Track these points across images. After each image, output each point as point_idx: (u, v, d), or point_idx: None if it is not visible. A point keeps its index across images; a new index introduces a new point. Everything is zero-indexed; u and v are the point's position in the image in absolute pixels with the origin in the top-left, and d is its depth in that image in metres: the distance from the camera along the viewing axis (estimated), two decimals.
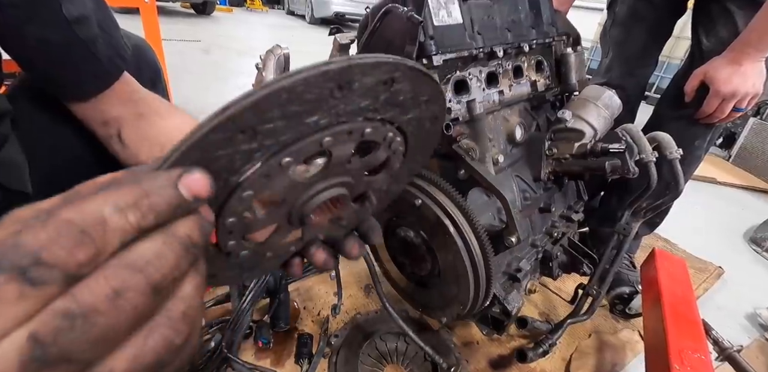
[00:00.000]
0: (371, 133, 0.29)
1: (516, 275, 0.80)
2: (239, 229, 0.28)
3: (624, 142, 0.86)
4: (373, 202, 0.37)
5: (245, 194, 0.26)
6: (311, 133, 0.25)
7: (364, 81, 0.25)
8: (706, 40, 1.07)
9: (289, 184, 0.27)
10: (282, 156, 0.25)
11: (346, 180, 0.31)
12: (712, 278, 1.40)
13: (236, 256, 0.31)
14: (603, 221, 1.25)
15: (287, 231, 0.32)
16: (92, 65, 0.58)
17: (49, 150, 0.68)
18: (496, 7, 0.84)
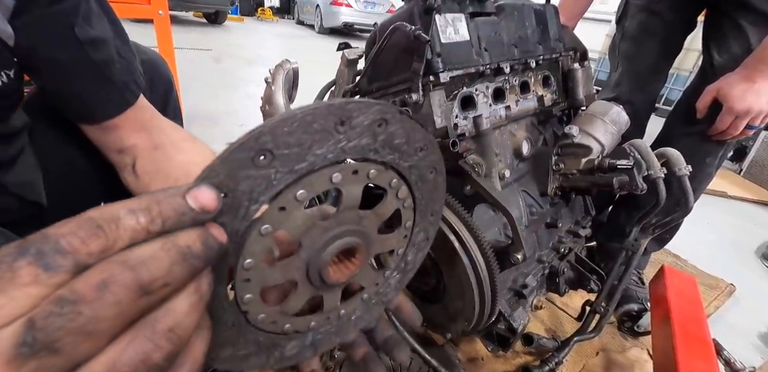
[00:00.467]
0: (376, 175, 0.31)
1: (522, 291, 0.80)
2: (257, 278, 0.28)
3: (632, 158, 0.85)
4: (391, 268, 0.38)
5: (263, 228, 0.26)
6: (322, 166, 0.27)
7: (360, 118, 0.27)
8: (718, 56, 1.07)
9: (305, 222, 0.28)
10: (297, 188, 0.26)
11: (360, 229, 0.32)
12: (724, 296, 1.37)
13: (253, 319, 0.30)
14: (611, 236, 1.23)
15: (306, 292, 0.32)
16: (105, 88, 0.59)
17: (63, 162, 0.69)
18: (503, 23, 0.85)
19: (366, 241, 0.33)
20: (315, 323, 0.35)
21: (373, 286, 0.38)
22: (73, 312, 0.17)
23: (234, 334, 0.30)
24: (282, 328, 0.32)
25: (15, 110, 0.59)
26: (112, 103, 0.60)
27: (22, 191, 0.62)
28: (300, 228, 0.28)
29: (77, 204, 0.77)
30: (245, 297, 0.29)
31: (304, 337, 0.36)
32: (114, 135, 0.62)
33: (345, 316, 0.37)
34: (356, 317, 0.39)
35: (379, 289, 0.39)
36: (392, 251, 0.37)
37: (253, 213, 0.25)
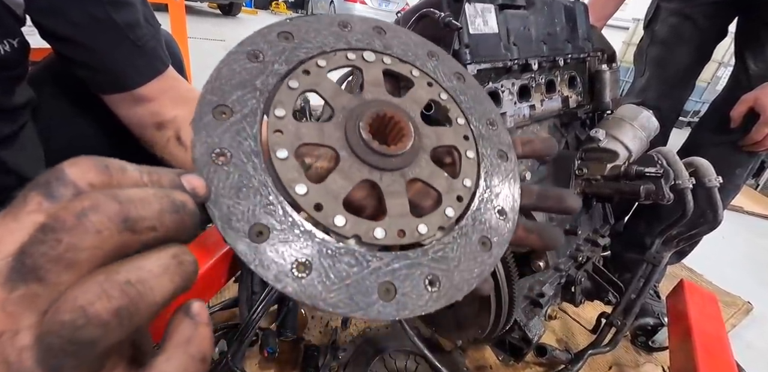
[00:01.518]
0: (391, 63, 0.33)
1: (538, 300, 0.76)
2: (289, 130, 0.27)
3: (660, 166, 0.81)
4: (463, 171, 0.32)
5: (290, 82, 0.28)
6: (337, 48, 0.31)
7: (359, 25, 0.33)
8: (754, 64, 1.03)
9: (331, 87, 0.30)
10: (317, 58, 0.30)
11: (397, 104, 0.32)
12: (741, 314, 1.32)
13: (289, 186, 0.25)
14: (628, 246, 1.19)
15: (353, 168, 0.28)
16: (132, 52, 0.56)
17: (65, 140, 0.66)
18: (533, 18, 0.81)
19: (409, 119, 0.31)
20: (383, 233, 0.27)
21: (453, 198, 0.31)
22: (54, 239, 0.17)
23: (267, 206, 0.25)
24: (331, 219, 0.26)
25: (20, 83, 0.56)
26: (141, 69, 0.58)
27: (21, 169, 0.60)
28: (328, 91, 0.30)
29: None
30: (278, 152, 0.26)
31: (372, 260, 0.26)
32: (150, 108, 0.59)
33: (430, 239, 0.29)
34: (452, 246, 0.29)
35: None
36: (459, 153, 0.33)
37: (283, 71, 0.28)
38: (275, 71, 0.28)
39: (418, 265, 0.27)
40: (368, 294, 0.25)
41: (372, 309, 0.24)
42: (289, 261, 0.24)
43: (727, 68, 3.62)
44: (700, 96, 3.85)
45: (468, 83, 0.36)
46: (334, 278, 0.24)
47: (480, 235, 0.30)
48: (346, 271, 0.25)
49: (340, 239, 0.26)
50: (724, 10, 1.11)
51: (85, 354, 0.17)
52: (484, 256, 0.30)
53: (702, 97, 3.86)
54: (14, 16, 0.48)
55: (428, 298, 0.26)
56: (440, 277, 0.27)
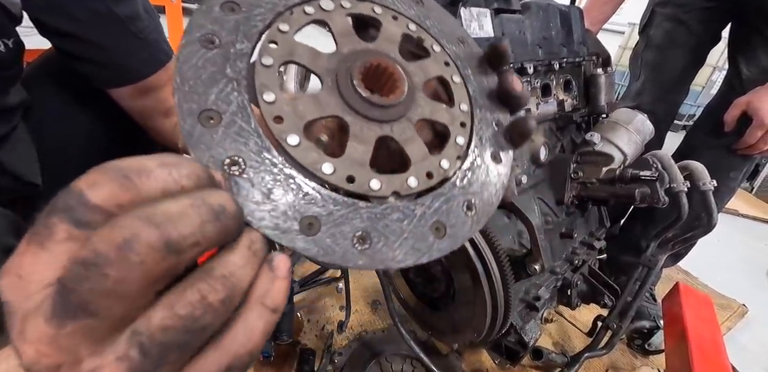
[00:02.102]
0: (351, 7, 0.30)
1: (534, 304, 0.76)
2: (288, 112, 0.25)
3: (655, 169, 0.81)
4: (455, 100, 0.32)
5: (263, 59, 0.26)
6: (289, 5, 0.28)
7: None
8: (747, 69, 1.04)
9: (306, 51, 0.28)
10: (276, 23, 0.27)
11: (379, 51, 0.30)
12: (736, 317, 1.32)
13: (317, 170, 0.25)
14: (624, 249, 1.19)
15: (363, 128, 0.27)
16: (135, 45, 0.56)
17: (58, 139, 0.66)
18: (528, 22, 0.81)
19: (395, 62, 0.30)
20: (416, 182, 0.28)
21: (458, 126, 0.31)
22: (99, 274, 0.16)
23: (304, 196, 0.24)
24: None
25: (14, 84, 0.56)
26: (145, 61, 0.58)
27: (16, 170, 0.60)
28: (304, 57, 0.27)
29: None
30: (289, 140, 0.25)
31: (416, 208, 0.27)
32: (156, 96, 0.59)
33: (453, 171, 0.29)
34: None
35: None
36: (446, 81, 0.33)
37: (247, 50, 0.26)
38: (240, 52, 0.26)
39: (453, 197, 0.29)
40: (425, 238, 0.26)
41: (433, 250, 0.26)
42: (349, 240, 0.24)
43: (721, 72, 3.65)
44: (695, 100, 3.88)
45: (428, 6, 0.35)
46: (392, 238, 0.26)
47: (490, 152, 0.32)
48: (399, 227, 0.26)
49: (381, 201, 0.27)
50: (718, 16, 1.13)
51: (198, 344, 0.19)
52: (499, 168, 0.32)
53: (697, 101, 3.88)
54: (9, 16, 0.48)
55: (471, 222, 0.29)
56: (473, 200, 0.29)
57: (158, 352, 0.17)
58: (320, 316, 1.04)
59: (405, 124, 0.29)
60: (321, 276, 1.04)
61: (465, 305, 0.70)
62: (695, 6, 1.12)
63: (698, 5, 1.12)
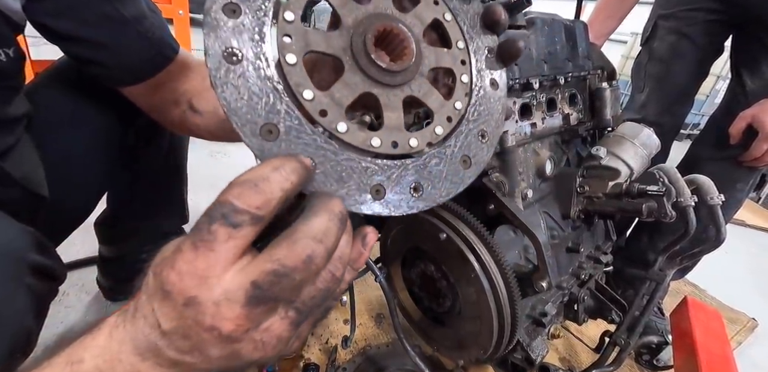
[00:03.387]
0: None
1: (541, 320, 0.75)
2: (297, 36, 0.28)
3: (661, 183, 0.81)
4: (458, 93, 0.35)
5: (289, 58, 0.28)
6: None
7: None
8: (751, 81, 1.04)
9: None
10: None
11: (399, 20, 0.32)
12: (746, 331, 1.30)
13: (298, 92, 0.28)
14: (630, 262, 1.18)
15: (355, 79, 0.30)
16: (142, 44, 0.57)
17: (61, 150, 0.67)
18: (533, 37, 0.82)
19: (412, 36, 0.32)
20: (379, 143, 0.30)
21: (444, 119, 0.34)
22: (289, 280, 0.25)
23: (276, 107, 0.27)
24: (335, 125, 0.29)
25: (17, 94, 0.56)
26: (153, 59, 0.59)
27: (24, 181, 0.60)
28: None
29: (77, 196, 0.74)
30: (288, 57, 0.28)
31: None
32: (166, 88, 0.60)
33: (419, 153, 0.32)
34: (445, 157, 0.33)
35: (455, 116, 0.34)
36: (454, 77, 0.35)
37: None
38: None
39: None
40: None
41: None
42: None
43: (725, 81, 3.65)
44: (699, 109, 3.88)
45: (474, 5, 0.37)
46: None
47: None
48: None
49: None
50: (720, 28, 1.13)
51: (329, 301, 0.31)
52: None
53: (701, 110, 3.88)
54: (9, 24, 0.48)
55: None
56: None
57: (307, 310, 0.28)
58: (324, 329, 1.04)
59: (420, 80, 0.32)
60: None
61: (471, 321, 0.69)
62: (698, 19, 1.13)
63: (701, 18, 1.12)
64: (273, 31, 0.27)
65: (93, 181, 0.75)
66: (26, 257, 0.45)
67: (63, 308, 1.05)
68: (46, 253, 0.48)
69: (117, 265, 1.05)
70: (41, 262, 0.46)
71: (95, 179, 0.75)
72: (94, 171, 0.72)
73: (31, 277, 0.45)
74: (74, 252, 1.21)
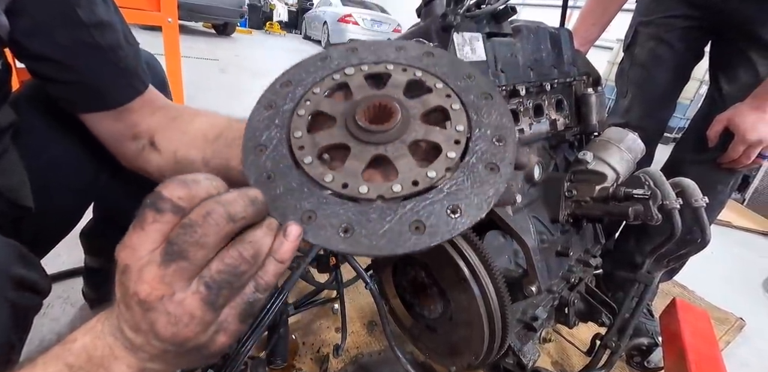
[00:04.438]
0: (368, 69, 0.41)
1: (532, 324, 0.75)
2: (308, 143, 0.36)
3: (647, 187, 0.82)
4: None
5: (299, 111, 0.38)
6: (324, 76, 0.41)
7: (337, 52, 0.43)
8: (728, 86, 1.07)
9: (330, 104, 0.38)
10: (312, 89, 0.40)
11: (395, 97, 0.38)
12: (734, 331, 1.32)
13: (320, 180, 0.34)
14: (619, 264, 1.20)
15: (360, 149, 0.35)
16: (115, 74, 0.57)
17: (46, 160, 0.66)
18: (519, 45, 0.83)
19: (393, 99, 0.37)
20: (400, 187, 0.33)
21: (452, 144, 0.36)
22: (191, 231, 0.28)
23: (308, 198, 0.34)
24: (357, 190, 0.33)
25: (2, 105, 0.56)
26: (123, 89, 0.59)
27: (10, 193, 0.59)
28: (326, 106, 0.38)
29: (63, 206, 0.73)
30: (305, 160, 0.35)
31: (398, 209, 0.33)
32: (128, 121, 0.60)
33: (442, 180, 0.34)
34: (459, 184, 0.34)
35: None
36: (445, 108, 0.38)
37: (290, 108, 0.38)
38: (286, 110, 0.38)
39: (437, 201, 0.33)
40: (402, 234, 0.32)
41: (408, 243, 0.31)
42: (335, 229, 0.32)
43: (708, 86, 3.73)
44: (684, 113, 3.97)
45: (438, 56, 0.42)
46: (372, 230, 0.32)
47: (485, 164, 0.35)
48: (380, 223, 0.32)
49: (368, 203, 0.33)
50: (698, 34, 1.16)
51: (239, 283, 0.31)
52: (494, 177, 0.35)
53: (686, 114, 3.97)
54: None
55: (453, 222, 0.32)
56: (460, 205, 0.33)
57: (216, 287, 0.30)
58: (316, 338, 1.03)
59: (398, 145, 0.36)
60: (316, 297, 1.03)
61: (462, 327, 0.69)
62: (676, 25, 1.16)
63: (679, 25, 1.15)
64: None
65: (79, 190, 0.74)
66: (8, 270, 0.44)
67: (48, 321, 1.02)
68: (30, 266, 0.47)
69: (103, 277, 1.03)
70: (24, 276, 0.45)
71: (81, 189, 0.74)
72: (80, 181, 0.71)
73: (14, 291, 0.44)
74: (59, 263, 1.19)
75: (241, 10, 7.39)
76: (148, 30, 4.61)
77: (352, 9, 8.63)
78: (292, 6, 13.29)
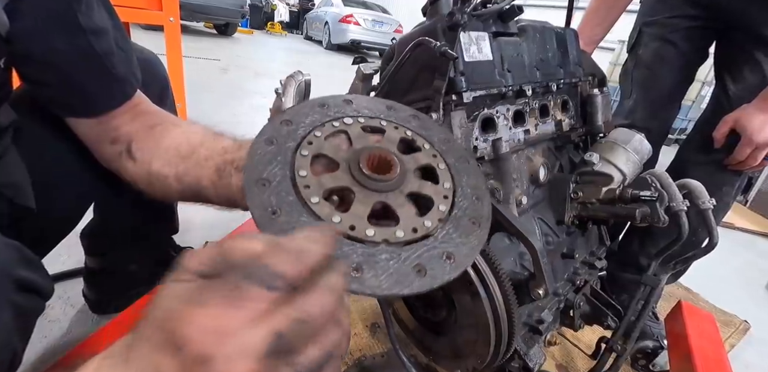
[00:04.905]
0: (365, 122, 0.44)
1: (538, 327, 0.74)
2: (314, 184, 0.37)
3: (654, 188, 0.82)
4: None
5: (302, 152, 0.39)
6: (324, 121, 0.43)
7: (333, 101, 0.46)
8: (733, 86, 1.06)
9: (332, 147, 0.41)
10: (314, 131, 0.41)
11: (392, 152, 0.42)
12: (738, 333, 1.31)
13: (329, 221, 0.35)
14: (623, 266, 1.19)
15: (364, 194, 0.38)
16: (106, 80, 0.57)
17: (47, 161, 0.65)
18: (525, 45, 0.82)
19: (392, 153, 0.41)
20: (402, 233, 0.36)
21: (441, 198, 0.41)
22: (308, 327, 0.25)
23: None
24: (364, 233, 0.35)
25: (2, 105, 0.55)
26: (112, 96, 0.58)
27: (11, 193, 0.58)
28: (329, 150, 0.40)
29: (64, 207, 0.72)
30: (312, 199, 0.36)
31: (402, 253, 0.35)
32: (109, 125, 0.59)
33: (435, 230, 0.38)
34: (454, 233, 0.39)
35: None
36: (433, 167, 0.44)
37: (293, 146, 0.40)
38: (288, 148, 0.39)
39: (434, 248, 0.37)
40: (407, 275, 0.34)
41: (414, 285, 0.34)
42: (346, 269, 0.32)
43: (710, 87, 3.73)
44: (685, 114, 3.96)
45: (422, 119, 0.49)
46: (380, 271, 0.34)
47: (469, 218, 0.41)
48: (386, 264, 0.34)
49: (374, 245, 0.35)
50: (702, 35, 1.15)
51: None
52: (477, 230, 0.40)
53: (687, 115, 3.96)
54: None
55: (449, 268, 0.36)
56: (452, 252, 0.37)
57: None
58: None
59: (398, 195, 0.39)
60: None
61: (467, 330, 0.68)
62: (680, 26, 1.15)
63: (683, 25, 1.15)
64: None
65: (80, 191, 0.73)
66: (12, 273, 0.43)
67: (47, 322, 1.01)
68: (33, 268, 0.46)
69: (104, 277, 1.02)
70: (28, 278, 0.44)
71: (82, 189, 0.73)
72: (81, 181, 0.71)
73: (17, 293, 0.43)
74: (60, 263, 1.18)
75: (242, 11, 7.39)
76: (150, 30, 4.60)
77: (353, 9, 8.64)
78: (294, 6, 13.30)
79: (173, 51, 1.81)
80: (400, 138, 0.45)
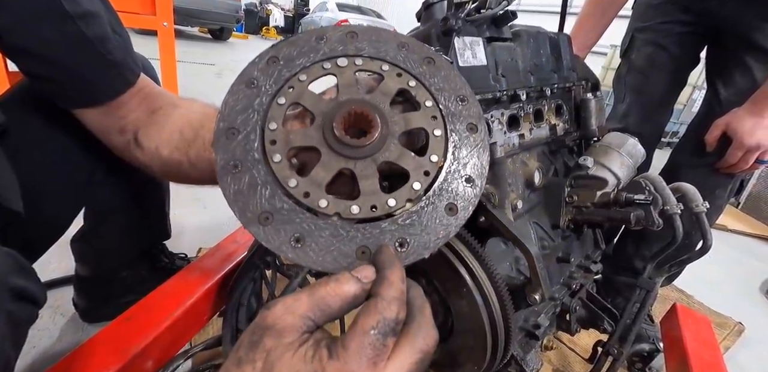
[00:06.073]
0: (363, 64, 0.38)
1: (534, 332, 0.74)
2: (281, 139, 0.34)
3: (648, 192, 0.82)
4: (433, 150, 0.36)
5: (279, 99, 0.35)
6: (314, 61, 0.37)
7: (334, 33, 0.39)
8: (725, 91, 1.07)
9: (311, 97, 0.36)
10: (300, 75, 0.36)
11: (368, 101, 0.36)
12: (733, 335, 1.32)
13: (284, 183, 0.33)
14: (618, 269, 1.19)
15: (331, 160, 0.34)
16: (104, 66, 0.55)
17: (35, 163, 0.64)
18: (519, 50, 0.83)
19: (376, 111, 0.35)
20: (358, 209, 0.34)
21: (420, 174, 0.35)
22: (424, 362, 0.29)
23: (269, 198, 0.33)
24: (317, 203, 0.33)
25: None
26: (113, 82, 0.57)
27: (3, 198, 0.57)
28: (308, 100, 0.36)
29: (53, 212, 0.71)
30: (274, 157, 0.34)
31: (350, 231, 0.33)
32: (116, 115, 0.58)
33: (400, 210, 0.34)
34: (421, 219, 0.35)
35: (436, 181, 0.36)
36: (426, 133, 0.37)
37: (273, 92, 0.35)
38: (267, 92, 0.35)
39: (389, 231, 0.34)
40: (347, 256, 0.32)
41: (351, 267, 0.32)
42: (288, 236, 0.32)
43: (701, 91, 3.79)
44: (677, 117, 4.01)
45: (438, 65, 0.39)
46: (321, 247, 0.32)
47: (447, 203, 0.35)
48: (330, 241, 0.32)
49: (325, 217, 0.33)
50: (694, 40, 1.17)
51: None
52: (449, 219, 0.35)
53: (679, 119, 4.01)
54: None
55: (398, 256, 0.33)
56: (408, 239, 0.34)
57: None
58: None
59: (368, 163, 0.35)
60: None
61: (464, 336, 0.68)
62: (672, 31, 1.17)
63: (675, 30, 1.16)
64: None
65: (69, 195, 0.72)
66: (6, 281, 0.42)
67: (36, 331, 0.99)
68: (27, 276, 0.45)
69: (94, 285, 1.00)
70: (22, 286, 0.43)
71: (72, 194, 0.72)
72: (70, 185, 0.69)
73: (11, 302, 0.42)
74: (49, 271, 1.16)
75: (237, 15, 7.40)
76: (144, 34, 4.59)
77: (348, 14, 8.69)
78: (289, 11, 13.33)
79: (167, 55, 1.80)
80: (399, 89, 0.37)
